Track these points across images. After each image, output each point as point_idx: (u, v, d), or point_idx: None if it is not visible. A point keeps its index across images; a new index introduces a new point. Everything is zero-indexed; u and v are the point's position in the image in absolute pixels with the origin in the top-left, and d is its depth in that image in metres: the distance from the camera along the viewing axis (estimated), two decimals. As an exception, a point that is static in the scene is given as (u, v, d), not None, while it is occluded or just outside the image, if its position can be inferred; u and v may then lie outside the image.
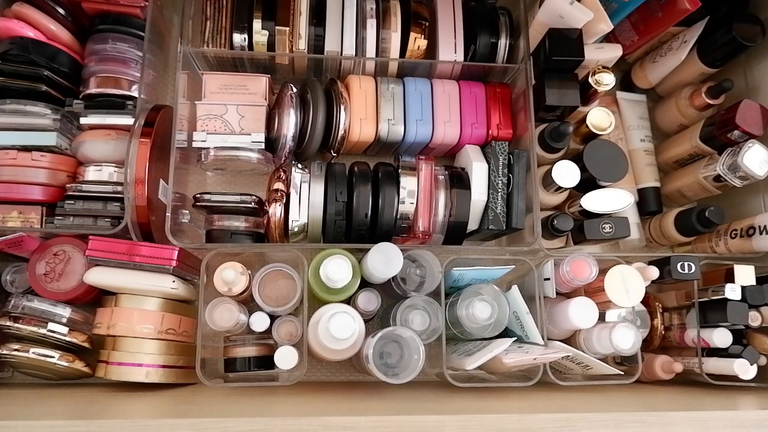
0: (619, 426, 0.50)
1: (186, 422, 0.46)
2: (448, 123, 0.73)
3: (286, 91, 0.70)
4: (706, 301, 0.71)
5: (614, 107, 0.84)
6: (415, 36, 0.71)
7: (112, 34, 0.69)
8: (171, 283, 0.62)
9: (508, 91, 0.76)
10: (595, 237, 0.71)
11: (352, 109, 0.71)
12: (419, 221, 0.69)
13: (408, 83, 0.73)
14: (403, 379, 0.58)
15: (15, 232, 0.62)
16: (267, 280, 0.67)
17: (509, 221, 0.70)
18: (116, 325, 0.62)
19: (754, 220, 0.72)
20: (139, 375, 0.62)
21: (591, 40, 0.72)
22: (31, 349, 0.61)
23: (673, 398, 0.67)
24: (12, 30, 0.64)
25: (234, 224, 0.69)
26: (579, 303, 0.65)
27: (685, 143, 0.79)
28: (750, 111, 0.71)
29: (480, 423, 0.49)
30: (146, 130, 0.65)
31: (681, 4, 0.70)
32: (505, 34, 0.74)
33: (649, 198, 0.82)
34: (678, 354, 0.74)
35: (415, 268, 0.67)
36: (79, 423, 0.45)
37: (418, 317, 0.65)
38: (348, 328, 0.58)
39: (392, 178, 0.68)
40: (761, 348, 0.71)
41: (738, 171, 0.71)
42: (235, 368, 0.65)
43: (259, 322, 0.65)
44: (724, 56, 0.77)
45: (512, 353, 0.61)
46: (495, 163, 0.71)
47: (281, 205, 0.67)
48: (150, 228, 0.66)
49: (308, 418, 0.47)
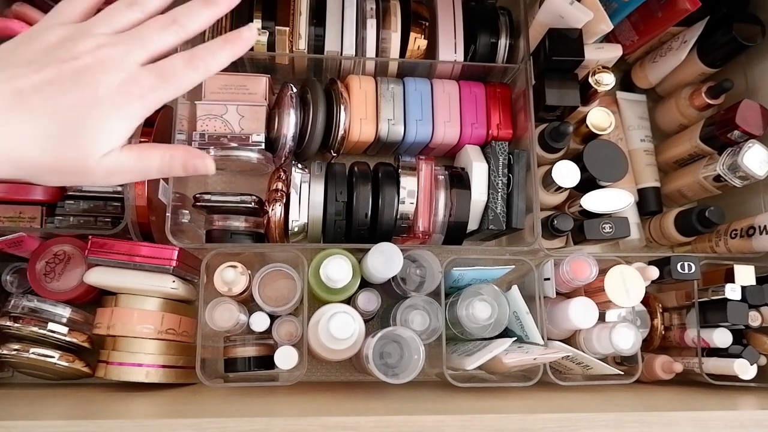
0: (619, 426, 0.50)
1: (186, 422, 0.46)
2: (448, 123, 0.73)
3: (286, 91, 0.70)
4: (706, 301, 0.71)
5: (614, 107, 0.84)
6: (415, 36, 0.71)
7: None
8: (171, 283, 0.62)
9: (508, 91, 0.76)
10: (595, 237, 0.71)
11: (352, 109, 0.71)
12: (419, 221, 0.69)
13: (408, 83, 0.73)
14: (403, 379, 0.58)
15: (15, 232, 0.62)
16: (267, 280, 0.67)
17: (509, 221, 0.70)
18: (116, 325, 0.62)
19: (754, 220, 0.72)
20: (139, 375, 0.62)
21: (591, 40, 0.72)
22: (31, 349, 0.61)
23: (673, 398, 0.67)
24: (12, 30, 0.64)
25: (234, 224, 0.69)
26: (579, 303, 0.65)
27: (685, 143, 0.79)
28: (750, 111, 0.71)
29: (480, 423, 0.49)
30: (146, 130, 0.65)
31: (681, 4, 0.70)
32: (505, 34, 0.74)
33: (649, 198, 0.82)
34: (678, 354, 0.74)
35: (415, 268, 0.67)
36: (79, 423, 0.45)
37: (418, 317, 0.65)
38: (348, 328, 0.58)
39: (392, 178, 0.68)
40: (761, 348, 0.71)
41: (738, 171, 0.71)
42: (235, 368, 0.65)
43: (259, 322, 0.65)
44: (724, 56, 0.77)
45: (512, 353, 0.61)
46: (495, 163, 0.71)
47: (281, 205, 0.67)
48: (150, 228, 0.66)
49: (308, 418, 0.47)
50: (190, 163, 0.42)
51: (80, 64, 0.36)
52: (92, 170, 0.38)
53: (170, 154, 0.42)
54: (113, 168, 0.39)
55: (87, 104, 0.36)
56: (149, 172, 0.42)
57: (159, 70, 0.38)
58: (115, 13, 0.39)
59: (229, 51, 0.40)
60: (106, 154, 0.38)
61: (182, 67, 0.38)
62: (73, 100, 0.36)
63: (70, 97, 0.36)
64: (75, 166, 0.38)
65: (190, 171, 0.43)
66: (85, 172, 0.38)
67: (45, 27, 0.39)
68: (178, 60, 0.38)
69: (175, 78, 0.38)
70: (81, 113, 0.36)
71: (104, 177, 0.39)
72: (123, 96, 0.37)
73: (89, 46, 0.37)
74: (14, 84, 0.35)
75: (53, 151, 0.36)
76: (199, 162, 0.42)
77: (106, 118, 0.37)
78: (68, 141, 0.36)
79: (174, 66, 0.38)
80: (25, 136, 0.35)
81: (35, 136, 0.35)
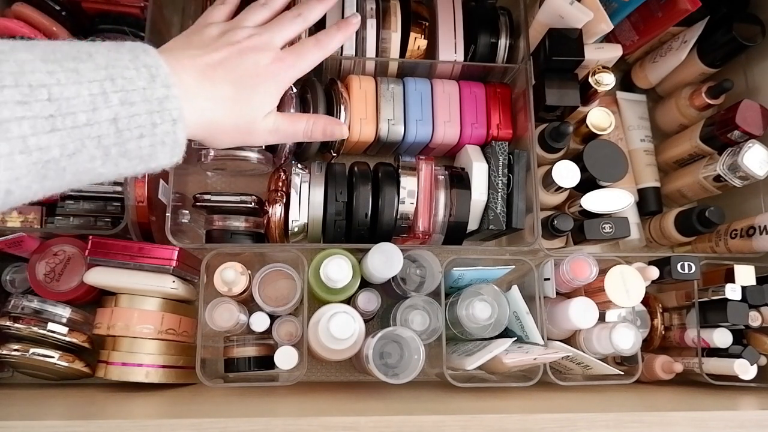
0: (619, 426, 0.50)
1: (186, 422, 0.46)
2: (448, 123, 0.73)
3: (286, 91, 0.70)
4: (706, 301, 0.71)
5: (614, 107, 0.84)
6: (415, 36, 0.71)
7: (112, 33, 0.69)
8: (171, 283, 0.62)
9: (508, 91, 0.76)
10: (595, 237, 0.71)
11: (352, 109, 0.71)
12: (419, 221, 0.69)
13: (408, 83, 0.73)
14: (403, 379, 0.58)
15: (15, 232, 0.62)
16: (267, 280, 0.67)
17: (509, 221, 0.70)
18: (116, 325, 0.62)
19: (754, 220, 0.72)
20: (139, 375, 0.62)
21: (591, 40, 0.72)
22: (31, 349, 0.61)
23: (674, 398, 0.67)
24: (12, 30, 0.64)
25: (234, 224, 0.69)
26: (579, 303, 0.65)
27: (685, 143, 0.79)
28: (750, 111, 0.71)
29: (480, 423, 0.49)
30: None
31: (681, 4, 0.70)
32: (505, 34, 0.74)
33: (649, 198, 0.82)
34: (678, 354, 0.74)
35: (415, 268, 0.67)
36: (79, 423, 0.45)
37: (418, 317, 0.65)
38: (348, 328, 0.58)
39: (392, 178, 0.68)
40: (761, 348, 0.71)
41: (738, 171, 0.71)
42: (235, 368, 0.65)
43: (259, 322, 0.65)
44: (724, 56, 0.77)
45: (512, 353, 0.61)
46: (495, 163, 0.71)
47: (281, 205, 0.67)
48: (150, 228, 0.66)
49: (308, 418, 0.47)
50: (329, 128, 0.55)
51: (242, 47, 0.47)
52: (258, 128, 0.49)
53: (314, 120, 0.54)
54: (271, 128, 0.50)
55: (252, 75, 0.47)
56: (297, 134, 0.53)
57: (296, 50, 0.50)
58: (254, 12, 0.51)
59: (342, 34, 0.53)
60: (267, 115, 0.49)
61: (312, 47, 0.51)
62: (243, 72, 0.46)
63: (240, 70, 0.46)
64: (246, 123, 0.48)
65: (328, 135, 0.55)
66: (252, 131, 0.49)
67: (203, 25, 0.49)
68: (308, 42, 0.51)
69: (307, 55, 0.50)
70: (249, 82, 0.46)
71: (266, 135, 0.50)
72: (274, 69, 0.48)
73: (244, 35, 0.48)
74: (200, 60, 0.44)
75: (232, 112, 0.46)
76: (337, 128, 0.55)
77: (265, 84, 0.48)
78: (243, 102, 0.46)
79: (306, 46, 0.51)
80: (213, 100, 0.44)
81: (219, 100, 0.44)
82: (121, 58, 0.37)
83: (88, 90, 0.35)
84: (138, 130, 0.37)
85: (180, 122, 0.39)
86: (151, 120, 0.37)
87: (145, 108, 0.37)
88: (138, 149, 0.37)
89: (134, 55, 0.38)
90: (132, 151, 0.37)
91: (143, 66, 0.38)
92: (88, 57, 0.36)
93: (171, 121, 0.38)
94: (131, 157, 0.38)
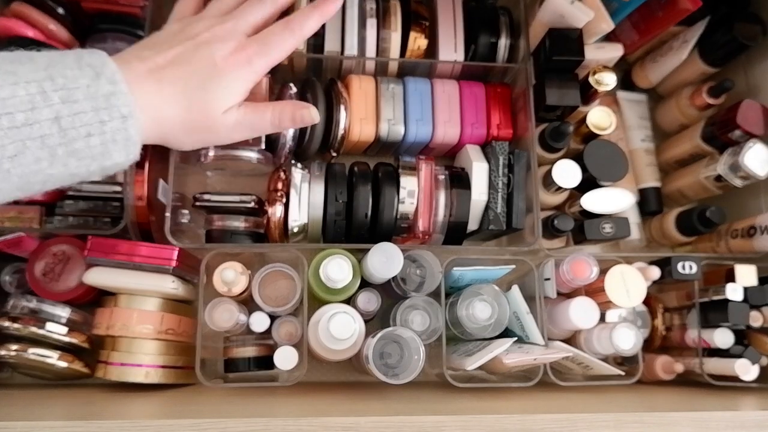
0: (619, 426, 0.50)
1: (186, 422, 0.46)
2: (448, 123, 0.73)
3: (285, 91, 0.70)
4: (707, 301, 0.71)
5: (615, 107, 0.84)
6: (416, 36, 0.71)
7: (112, 33, 0.69)
8: (171, 283, 0.62)
9: (508, 91, 0.76)
10: (595, 237, 0.70)
11: (352, 109, 0.71)
12: (419, 221, 0.69)
13: (408, 83, 0.73)
14: (403, 379, 0.58)
15: (14, 232, 0.62)
16: (267, 280, 0.67)
17: (509, 221, 0.70)
18: (115, 325, 0.62)
19: (755, 220, 0.72)
20: (138, 375, 0.62)
21: (591, 40, 0.72)
22: (30, 349, 0.61)
23: (674, 399, 0.67)
24: (11, 29, 0.64)
25: (234, 224, 0.68)
26: (579, 303, 0.65)
27: (686, 143, 0.79)
28: (751, 111, 0.71)
29: (480, 423, 0.48)
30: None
31: (682, 4, 0.70)
32: (505, 34, 0.74)
33: (650, 198, 0.82)
34: (679, 354, 0.74)
35: (415, 268, 0.67)
36: (78, 423, 0.45)
37: (418, 317, 0.64)
38: (348, 328, 0.58)
39: (392, 178, 0.68)
40: (762, 349, 0.71)
41: (739, 171, 0.71)
42: (234, 368, 0.65)
43: (259, 322, 0.65)
44: (724, 56, 0.77)
45: (512, 353, 0.61)
46: (495, 163, 0.71)
47: (281, 205, 0.67)
48: (150, 228, 0.66)
49: (308, 418, 0.47)
50: (297, 113, 0.51)
51: (199, 39, 0.44)
52: (217, 126, 0.46)
53: (280, 107, 0.50)
54: (234, 123, 0.47)
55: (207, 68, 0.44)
56: (264, 126, 0.50)
57: (262, 37, 0.46)
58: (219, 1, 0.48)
59: (318, 14, 0.48)
60: (227, 111, 0.46)
61: (281, 31, 0.46)
62: (196, 66, 0.43)
63: (193, 65, 0.43)
64: (203, 121, 0.45)
65: (298, 122, 0.52)
66: (211, 128, 0.46)
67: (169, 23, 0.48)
68: (276, 26, 0.47)
69: (276, 41, 0.46)
70: (203, 76, 0.44)
71: (228, 132, 0.47)
72: (235, 61, 0.44)
73: (203, 27, 0.45)
74: (150, 61, 0.42)
75: (185, 108, 0.43)
76: (305, 112, 0.51)
77: (223, 79, 0.44)
78: (195, 99, 0.44)
79: (273, 32, 0.46)
80: (161, 98, 0.42)
81: (169, 97, 0.42)
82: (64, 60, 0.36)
83: (25, 90, 0.34)
84: (85, 129, 0.36)
85: (131, 118, 0.38)
86: (98, 117, 0.36)
87: (90, 105, 0.36)
88: (87, 148, 0.36)
89: (79, 56, 0.37)
90: (81, 150, 0.36)
91: (87, 65, 0.37)
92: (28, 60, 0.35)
93: (120, 117, 0.37)
94: (81, 157, 0.37)
